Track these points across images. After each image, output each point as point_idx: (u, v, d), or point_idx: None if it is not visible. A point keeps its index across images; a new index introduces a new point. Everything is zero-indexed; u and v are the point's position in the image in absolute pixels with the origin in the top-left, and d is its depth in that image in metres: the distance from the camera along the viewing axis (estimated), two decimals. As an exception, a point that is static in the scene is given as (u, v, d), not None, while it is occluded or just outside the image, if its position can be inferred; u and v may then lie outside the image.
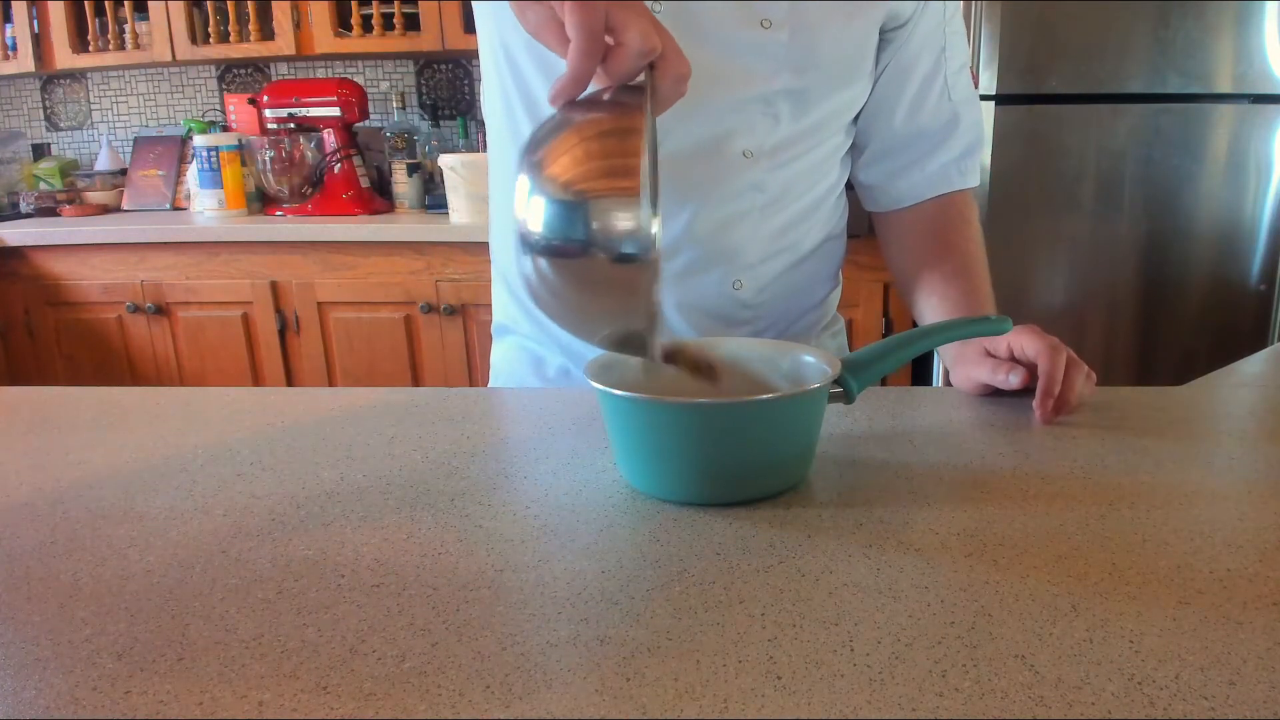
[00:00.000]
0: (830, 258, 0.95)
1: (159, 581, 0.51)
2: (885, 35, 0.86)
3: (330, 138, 2.60)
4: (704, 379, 0.63)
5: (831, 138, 0.88)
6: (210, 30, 2.68)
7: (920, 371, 2.26)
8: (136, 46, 2.70)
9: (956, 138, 0.91)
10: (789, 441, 0.59)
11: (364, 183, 2.63)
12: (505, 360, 0.99)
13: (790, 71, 0.80)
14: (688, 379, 0.64)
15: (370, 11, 2.53)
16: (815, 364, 0.64)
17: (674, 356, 0.63)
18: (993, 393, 0.79)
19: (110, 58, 2.74)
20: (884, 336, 1.74)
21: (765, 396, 0.59)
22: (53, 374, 2.60)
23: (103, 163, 2.99)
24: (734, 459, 0.58)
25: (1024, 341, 0.76)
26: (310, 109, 2.58)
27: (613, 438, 0.63)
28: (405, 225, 2.36)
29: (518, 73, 0.84)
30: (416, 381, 2.44)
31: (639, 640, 0.43)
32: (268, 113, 2.61)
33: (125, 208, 2.89)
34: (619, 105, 0.53)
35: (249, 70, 2.96)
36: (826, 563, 0.51)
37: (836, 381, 0.63)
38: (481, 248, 1.03)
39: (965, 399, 0.80)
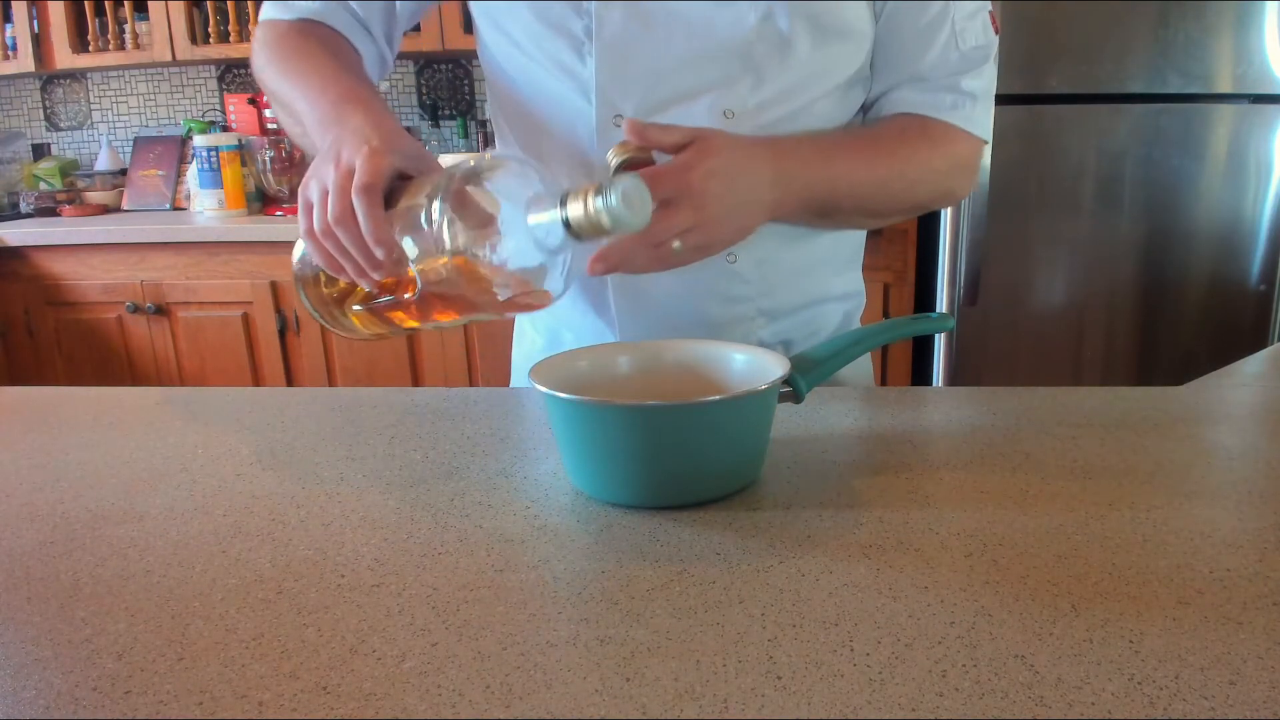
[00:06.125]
0: (839, 241, 0.90)
1: (159, 581, 0.51)
2: None
3: (330, 138, 2.60)
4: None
5: (823, 98, 0.81)
6: (210, 30, 2.67)
7: (920, 371, 2.26)
8: (136, 46, 2.70)
9: (959, 86, 0.82)
10: (736, 444, 0.58)
11: (364, 183, 2.62)
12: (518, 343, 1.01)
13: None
14: (628, 382, 0.66)
15: (370, 11, 2.53)
16: (766, 364, 0.63)
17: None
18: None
19: (110, 58, 2.74)
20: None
21: (712, 398, 0.57)
22: (53, 374, 2.60)
23: (103, 163, 2.99)
24: (682, 461, 0.57)
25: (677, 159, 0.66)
26: (310, 109, 2.58)
27: (559, 442, 0.62)
28: (405, 225, 2.35)
29: (499, 72, 0.85)
30: (416, 381, 2.44)
31: (639, 640, 0.43)
32: (268, 113, 2.61)
33: (125, 208, 2.89)
34: None
35: (249, 70, 2.96)
36: (826, 563, 0.51)
37: (786, 381, 0.63)
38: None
39: (965, 399, 0.80)
